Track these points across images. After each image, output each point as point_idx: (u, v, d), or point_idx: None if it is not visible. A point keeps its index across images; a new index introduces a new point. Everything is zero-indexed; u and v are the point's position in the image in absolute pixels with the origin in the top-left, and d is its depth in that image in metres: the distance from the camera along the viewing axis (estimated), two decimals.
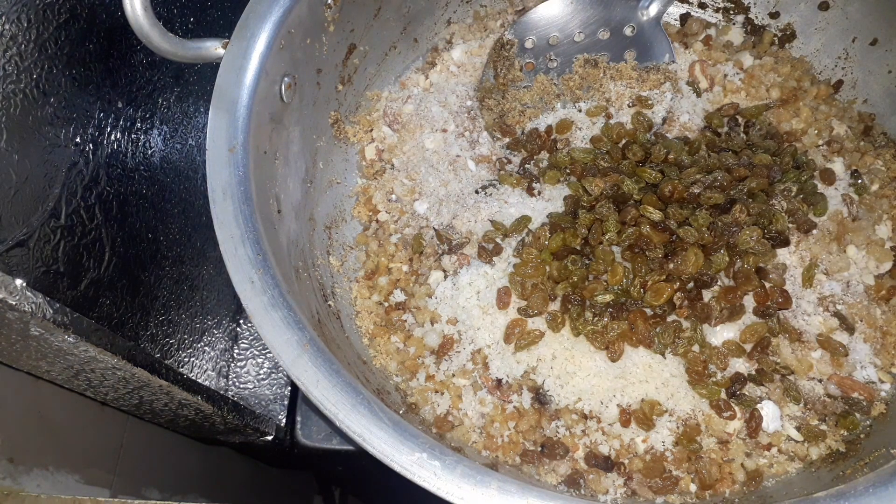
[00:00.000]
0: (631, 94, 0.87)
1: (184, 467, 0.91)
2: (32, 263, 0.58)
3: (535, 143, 0.85)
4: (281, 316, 0.55)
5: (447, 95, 0.89)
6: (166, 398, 0.71)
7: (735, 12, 0.94)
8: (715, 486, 0.66)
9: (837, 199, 0.79)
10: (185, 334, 0.87)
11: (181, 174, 0.86)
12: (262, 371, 0.99)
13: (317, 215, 0.79)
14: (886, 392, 0.70)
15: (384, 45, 0.87)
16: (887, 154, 0.83)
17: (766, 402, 0.69)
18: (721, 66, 0.90)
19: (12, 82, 0.55)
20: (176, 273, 0.85)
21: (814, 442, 0.67)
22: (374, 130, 0.88)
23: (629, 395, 0.69)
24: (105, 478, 0.72)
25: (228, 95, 0.63)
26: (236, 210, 0.58)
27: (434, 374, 0.74)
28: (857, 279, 0.75)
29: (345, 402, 0.52)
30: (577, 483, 0.66)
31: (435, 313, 0.76)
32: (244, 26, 0.65)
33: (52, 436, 0.65)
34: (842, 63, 0.89)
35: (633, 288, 0.71)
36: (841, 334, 0.72)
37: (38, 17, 0.57)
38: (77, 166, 0.64)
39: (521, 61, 0.89)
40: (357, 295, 0.79)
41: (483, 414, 0.71)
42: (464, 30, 0.94)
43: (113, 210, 0.70)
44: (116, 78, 0.70)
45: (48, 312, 0.54)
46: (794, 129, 0.85)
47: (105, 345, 0.59)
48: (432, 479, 0.49)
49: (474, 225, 0.80)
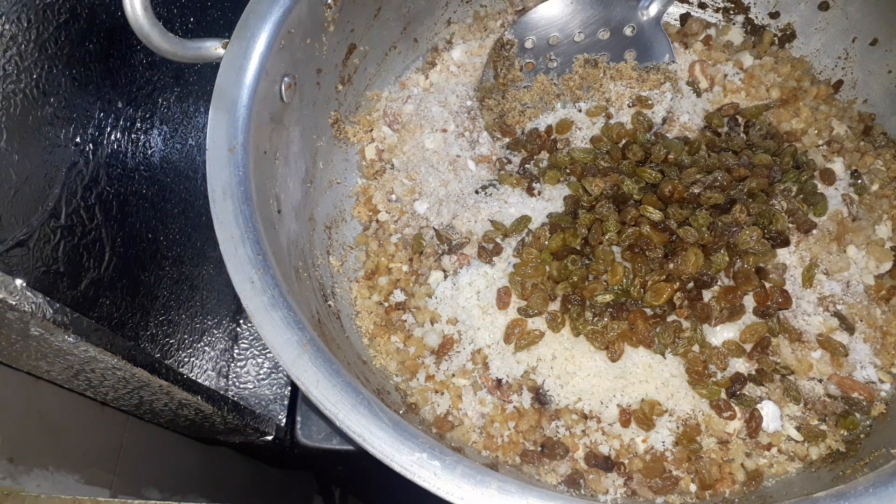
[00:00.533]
0: (631, 94, 0.87)
1: (184, 467, 0.91)
2: (32, 263, 0.58)
3: (535, 143, 0.85)
4: (281, 316, 0.55)
5: (447, 95, 0.89)
6: (166, 398, 0.71)
7: (735, 12, 0.94)
8: (715, 486, 0.66)
9: (837, 199, 0.79)
10: (185, 334, 0.87)
11: (181, 174, 0.86)
12: (262, 371, 0.99)
13: (317, 215, 0.79)
14: (886, 392, 0.70)
15: (384, 45, 0.87)
16: (887, 154, 0.83)
17: (766, 402, 0.69)
18: (721, 66, 0.90)
19: (12, 82, 0.55)
20: (176, 273, 0.85)
21: (814, 442, 0.67)
22: (374, 130, 0.88)
23: (629, 395, 0.69)
24: (105, 478, 0.72)
25: (228, 95, 0.63)
26: (236, 210, 0.58)
27: (434, 374, 0.74)
28: (857, 279, 0.75)
29: (345, 402, 0.52)
30: (577, 483, 0.66)
31: (435, 313, 0.76)
32: (244, 26, 0.65)
33: (52, 436, 0.65)
34: (842, 63, 0.89)
35: (633, 288, 0.71)
36: (841, 334, 0.72)
37: (38, 17, 0.57)
38: (77, 166, 0.64)
39: (521, 61, 0.89)
40: (357, 295, 0.79)
41: (483, 414, 0.71)
42: (464, 30, 0.94)
43: (113, 210, 0.70)
44: (116, 78, 0.70)
45: (48, 312, 0.54)
46: (794, 129, 0.85)
47: (105, 345, 0.59)
48: (432, 479, 0.49)
49: (474, 225, 0.80)
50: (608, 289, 0.71)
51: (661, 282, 0.70)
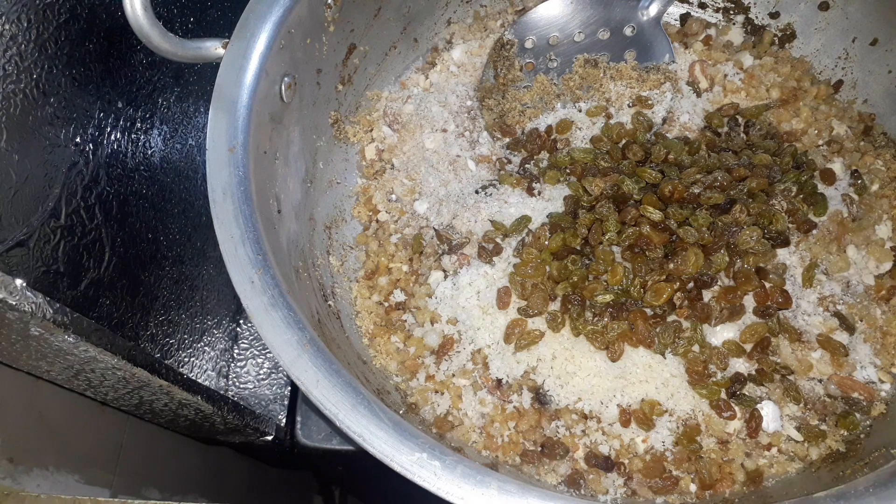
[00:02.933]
0: (631, 94, 0.87)
1: (184, 467, 0.90)
2: (32, 263, 0.58)
3: (535, 143, 0.85)
4: (281, 316, 0.55)
5: (447, 95, 0.89)
6: (166, 398, 0.71)
7: (735, 12, 0.94)
8: (715, 486, 0.66)
9: (837, 199, 0.79)
10: (185, 334, 0.87)
11: (181, 174, 0.86)
12: (262, 371, 0.99)
13: (317, 215, 0.79)
14: (886, 392, 0.70)
15: (384, 45, 0.87)
16: (887, 154, 0.83)
17: (766, 402, 0.69)
18: (721, 66, 0.90)
19: (12, 82, 0.55)
20: (176, 273, 0.85)
21: (814, 442, 0.67)
22: (374, 130, 0.88)
23: (629, 395, 0.69)
24: (105, 478, 0.72)
25: (228, 95, 0.63)
26: (236, 210, 0.58)
27: (434, 374, 0.74)
28: (857, 279, 0.75)
29: (345, 402, 0.52)
30: (577, 483, 0.66)
31: (435, 313, 0.76)
32: (244, 26, 0.65)
33: (52, 436, 0.65)
34: (842, 63, 0.89)
35: (633, 288, 0.71)
36: (841, 334, 0.72)
37: (38, 17, 0.57)
38: (77, 166, 0.64)
39: (521, 61, 0.89)
40: (357, 295, 0.79)
41: (483, 414, 0.71)
42: (464, 30, 0.94)
43: (113, 210, 0.70)
44: (116, 78, 0.70)
45: (48, 312, 0.54)
46: (794, 129, 0.85)
47: (105, 345, 0.59)
48: (432, 479, 0.49)
49: (474, 225, 0.80)
50: (608, 289, 0.71)
51: (661, 282, 0.70)
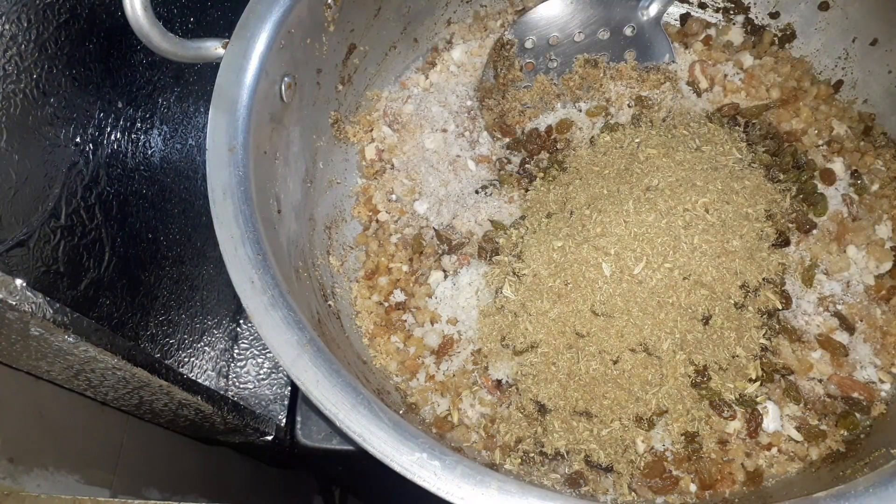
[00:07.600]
0: (631, 94, 0.87)
1: (184, 467, 0.91)
2: (32, 263, 0.58)
3: (535, 143, 0.85)
4: (281, 316, 0.55)
5: (447, 95, 0.89)
6: (166, 398, 0.71)
7: (735, 12, 0.94)
8: (715, 486, 0.66)
9: (837, 199, 0.79)
10: (185, 334, 0.87)
11: (181, 174, 0.86)
12: (262, 371, 0.99)
13: (317, 215, 0.79)
14: (886, 392, 0.70)
15: (384, 45, 0.87)
16: (887, 154, 0.83)
17: (766, 402, 0.69)
18: (721, 66, 0.90)
19: (12, 82, 0.55)
20: (176, 273, 0.85)
21: (814, 442, 0.67)
22: (374, 130, 0.87)
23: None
24: (105, 478, 0.72)
25: (228, 95, 0.63)
26: (236, 210, 0.58)
27: (434, 374, 0.74)
28: (857, 279, 0.75)
29: (345, 402, 0.52)
30: (578, 483, 0.66)
31: (435, 313, 0.76)
32: (244, 26, 0.65)
33: (52, 436, 0.65)
34: (842, 63, 0.89)
35: None
36: (841, 334, 0.72)
37: (38, 17, 0.57)
38: (77, 166, 0.64)
39: (521, 61, 0.89)
40: (357, 295, 0.79)
41: (483, 414, 0.71)
42: (464, 30, 0.94)
43: (113, 210, 0.70)
44: (116, 78, 0.70)
45: (48, 312, 0.54)
46: (794, 129, 0.85)
47: (105, 345, 0.59)
48: (432, 479, 0.49)
49: (474, 225, 0.80)
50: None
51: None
